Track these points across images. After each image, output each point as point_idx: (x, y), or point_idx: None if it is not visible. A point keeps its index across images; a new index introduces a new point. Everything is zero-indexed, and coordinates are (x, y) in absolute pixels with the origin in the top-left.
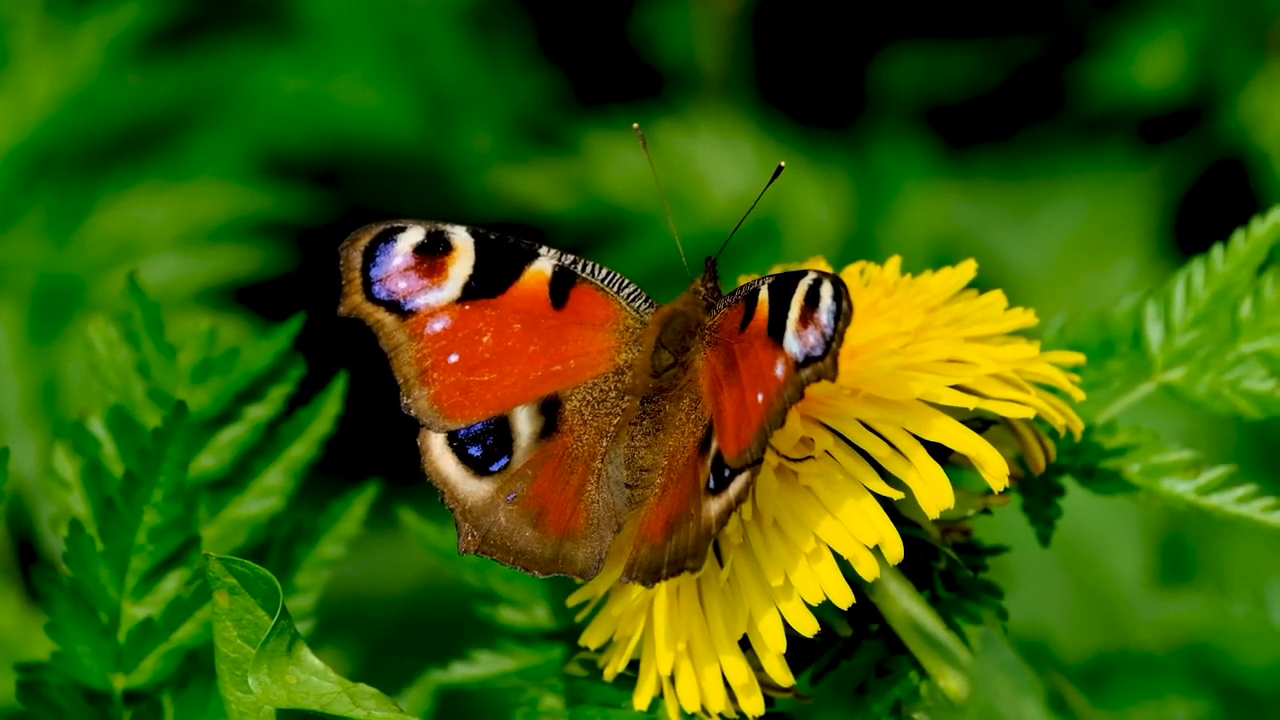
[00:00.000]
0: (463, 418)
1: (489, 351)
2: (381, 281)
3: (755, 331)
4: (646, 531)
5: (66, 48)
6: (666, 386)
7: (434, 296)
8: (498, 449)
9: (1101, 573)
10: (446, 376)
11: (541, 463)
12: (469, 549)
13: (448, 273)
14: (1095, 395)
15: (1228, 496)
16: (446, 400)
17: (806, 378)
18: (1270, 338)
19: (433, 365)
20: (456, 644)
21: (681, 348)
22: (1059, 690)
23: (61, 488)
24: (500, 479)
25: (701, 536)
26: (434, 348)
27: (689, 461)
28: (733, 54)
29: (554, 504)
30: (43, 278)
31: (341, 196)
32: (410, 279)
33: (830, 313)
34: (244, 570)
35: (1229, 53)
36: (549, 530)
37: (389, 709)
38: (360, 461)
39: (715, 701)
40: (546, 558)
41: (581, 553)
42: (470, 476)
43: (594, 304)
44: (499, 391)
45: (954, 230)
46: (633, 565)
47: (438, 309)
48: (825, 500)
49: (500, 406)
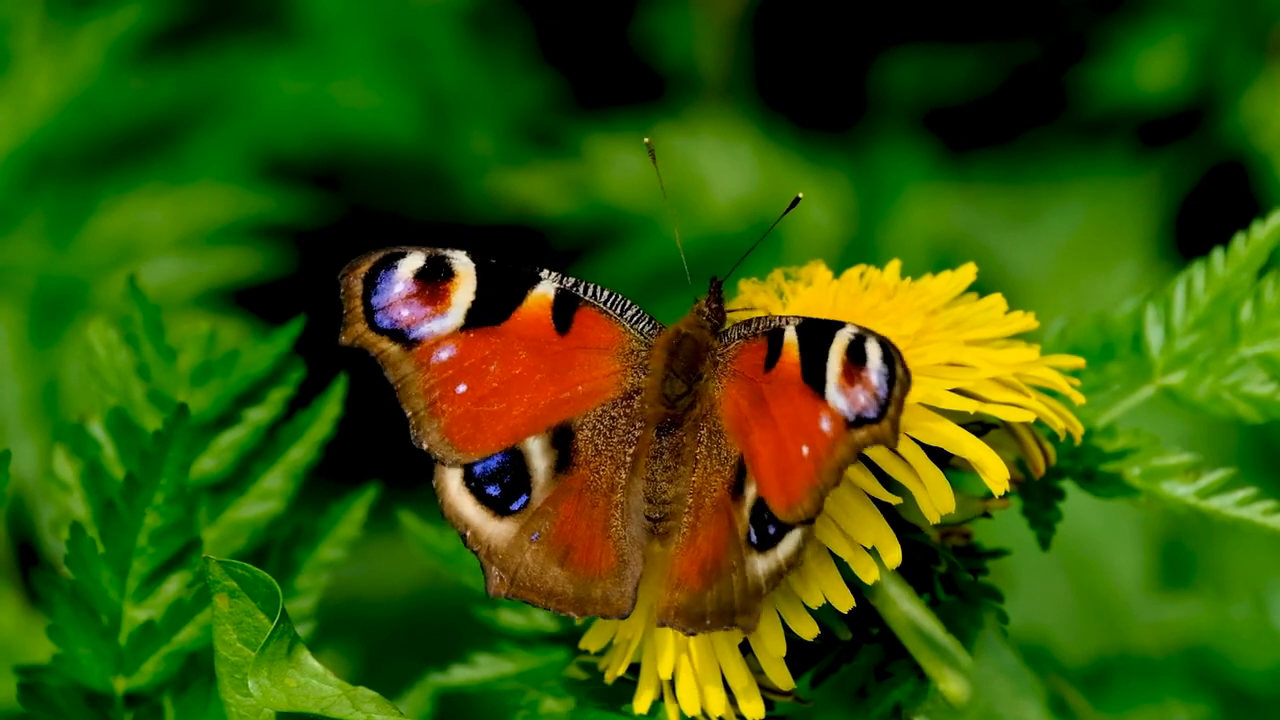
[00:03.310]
0: (475, 450)
1: (496, 380)
2: (384, 310)
3: (788, 377)
4: (681, 575)
5: (67, 50)
6: (681, 415)
7: (438, 324)
8: (516, 486)
9: (1101, 576)
10: (455, 408)
11: (561, 498)
12: (499, 593)
13: (450, 299)
14: (1095, 398)
15: (1228, 500)
16: (457, 433)
17: (861, 440)
18: (1271, 341)
19: (441, 396)
20: (456, 647)
21: (694, 375)
22: (1059, 693)
23: (62, 490)
24: (522, 518)
25: (750, 595)
26: (441, 378)
27: (719, 504)
28: (733, 57)
29: (580, 541)
30: (43, 280)
31: (342, 199)
32: (413, 306)
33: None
34: (244, 573)
35: (1229, 56)
36: (577, 568)
37: (389, 712)
38: (360, 464)
39: (715, 705)
40: (579, 598)
41: (615, 591)
42: (491, 517)
43: (598, 327)
44: (509, 421)
45: (954, 233)
46: (669, 610)
47: (442, 337)
48: (825, 503)
49: (512, 437)
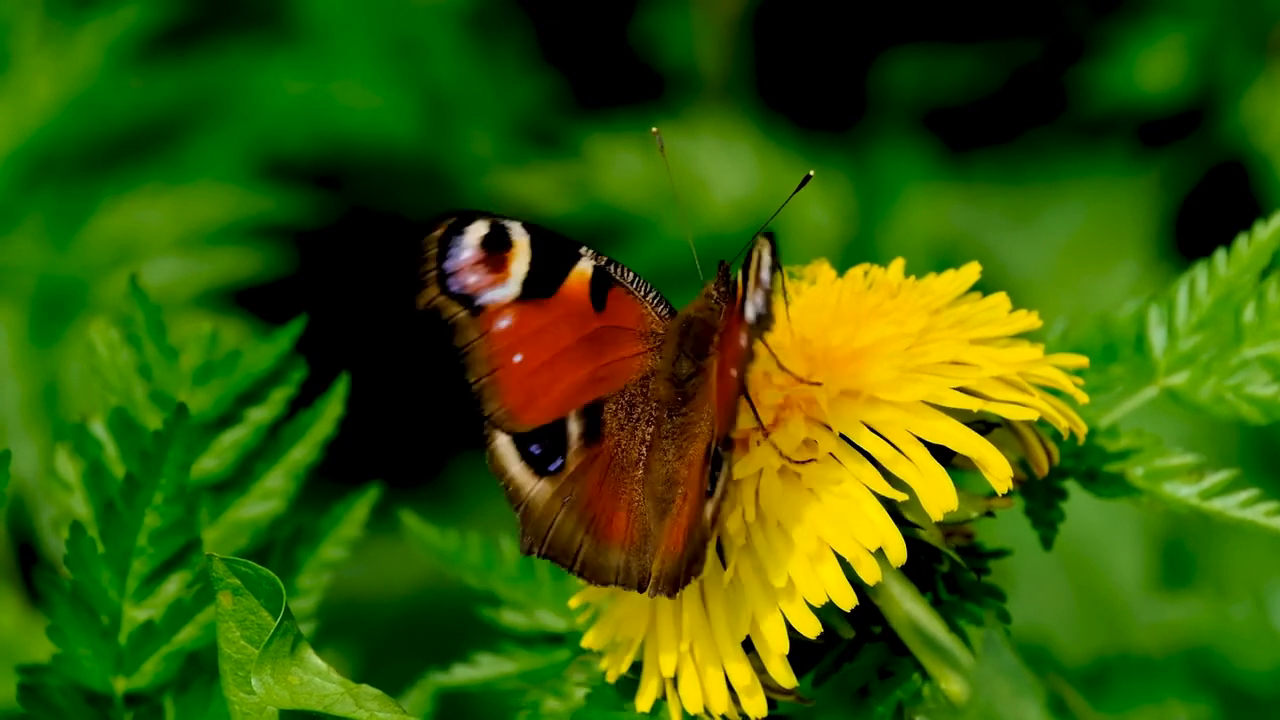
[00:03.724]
0: (529, 420)
1: (547, 352)
2: (454, 275)
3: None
4: (670, 543)
5: (67, 50)
6: (689, 394)
7: (499, 293)
8: (553, 448)
9: (1102, 576)
10: (512, 379)
11: (589, 467)
12: (529, 550)
13: (509, 269)
14: (1098, 399)
15: (1230, 501)
16: (514, 401)
17: (755, 334)
18: (1274, 342)
19: (501, 365)
20: (458, 646)
21: (701, 354)
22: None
23: (63, 490)
24: (556, 481)
25: (702, 542)
26: (501, 346)
27: (702, 469)
28: (733, 57)
29: (604, 512)
30: (43, 280)
31: (342, 199)
32: (479, 274)
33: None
34: (248, 571)
35: (1230, 56)
36: (601, 538)
37: (392, 710)
38: (362, 464)
39: (718, 703)
40: (602, 565)
41: (636, 564)
42: (531, 475)
43: (626, 307)
44: (556, 395)
45: (954, 233)
46: (659, 579)
47: (503, 306)
48: (828, 502)
49: (559, 410)
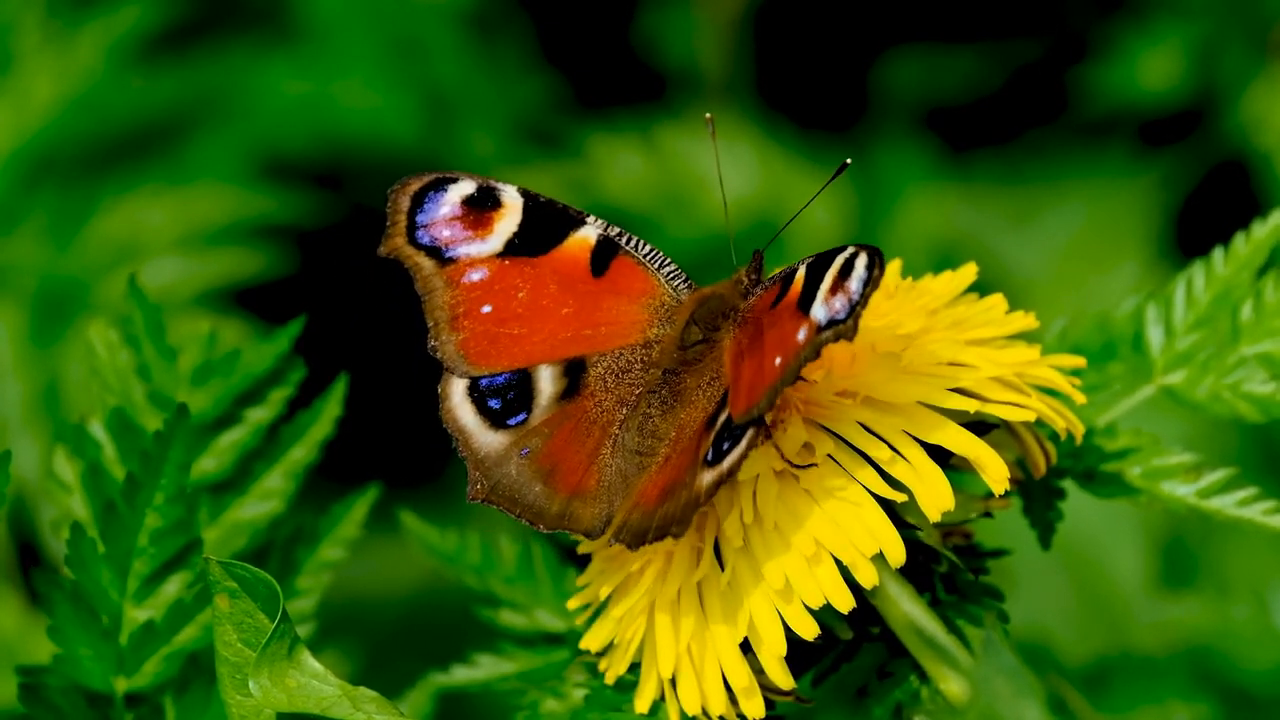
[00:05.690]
0: (487, 366)
1: (522, 307)
2: (426, 227)
3: (786, 305)
4: (641, 497)
5: (68, 50)
6: (691, 361)
7: (476, 248)
8: (517, 404)
9: (1102, 576)
10: (477, 325)
11: (560, 422)
12: (476, 497)
13: (493, 227)
14: (1096, 398)
15: (1229, 499)
16: (474, 347)
17: (826, 338)
18: (1271, 340)
19: (465, 313)
20: (457, 647)
21: (712, 326)
22: (1060, 693)
23: (63, 490)
24: (516, 433)
25: (689, 504)
26: (469, 296)
27: (694, 435)
28: (734, 57)
29: (567, 463)
30: (44, 280)
31: (343, 199)
32: (455, 228)
33: (860, 280)
34: (244, 574)
35: (1230, 56)
36: (558, 488)
37: (389, 712)
38: (361, 464)
39: (716, 704)
40: (553, 513)
41: (588, 511)
42: (487, 428)
43: (633, 277)
44: (527, 346)
45: (955, 233)
46: (622, 528)
47: (477, 260)
48: (826, 505)
49: (526, 360)
